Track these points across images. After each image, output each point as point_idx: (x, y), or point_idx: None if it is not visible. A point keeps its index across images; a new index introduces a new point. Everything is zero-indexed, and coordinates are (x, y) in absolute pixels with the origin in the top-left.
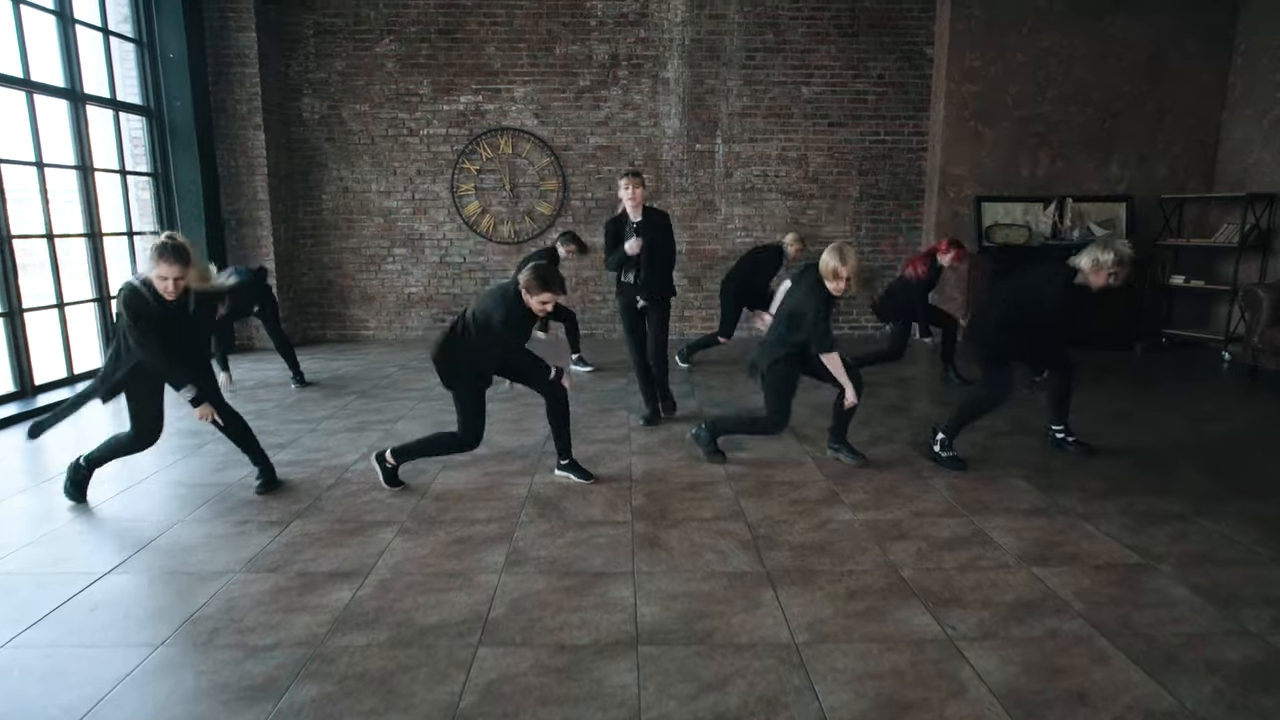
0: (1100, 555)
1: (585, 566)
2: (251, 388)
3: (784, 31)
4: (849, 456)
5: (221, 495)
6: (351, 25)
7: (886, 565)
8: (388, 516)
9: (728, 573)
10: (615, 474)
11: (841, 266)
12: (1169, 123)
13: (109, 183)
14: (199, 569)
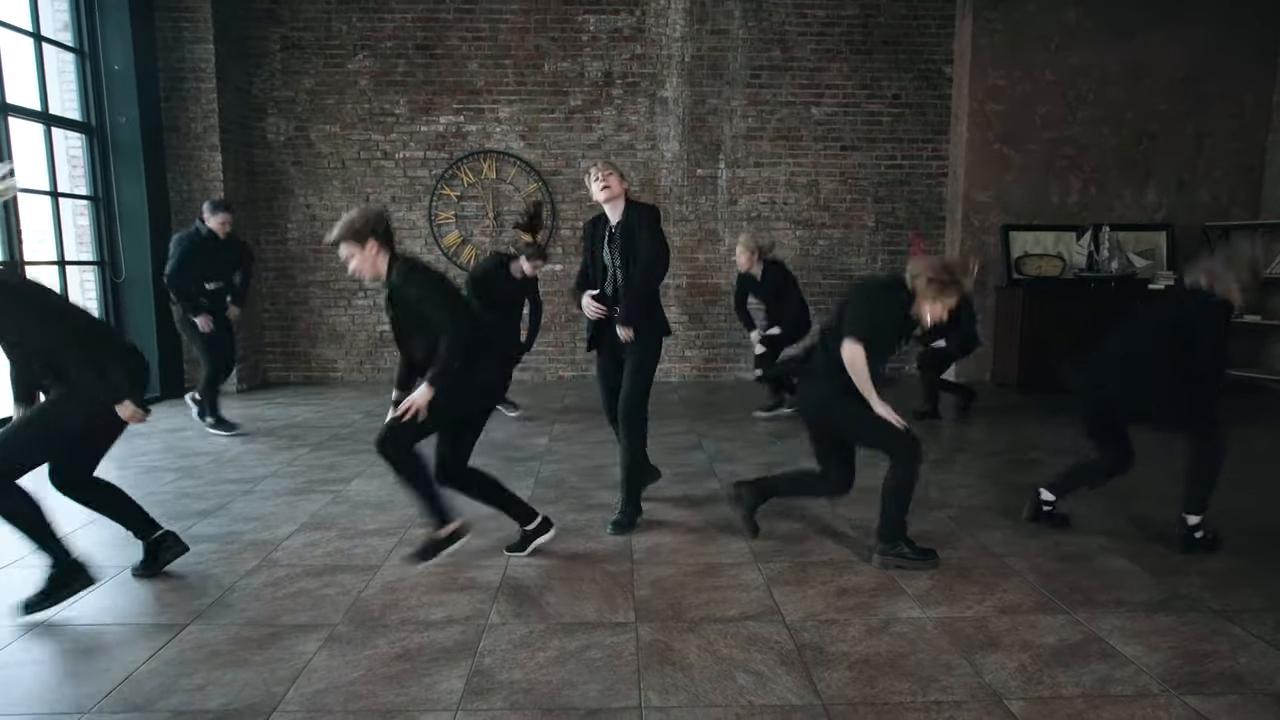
0: (1271, 675)
1: (574, 698)
2: (191, 436)
3: (792, 48)
4: (915, 557)
5: (113, 585)
6: (322, 40)
7: (983, 691)
8: (315, 617)
9: (771, 707)
10: (612, 552)
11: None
12: (1209, 146)
13: (36, 205)
14: (33, 709)
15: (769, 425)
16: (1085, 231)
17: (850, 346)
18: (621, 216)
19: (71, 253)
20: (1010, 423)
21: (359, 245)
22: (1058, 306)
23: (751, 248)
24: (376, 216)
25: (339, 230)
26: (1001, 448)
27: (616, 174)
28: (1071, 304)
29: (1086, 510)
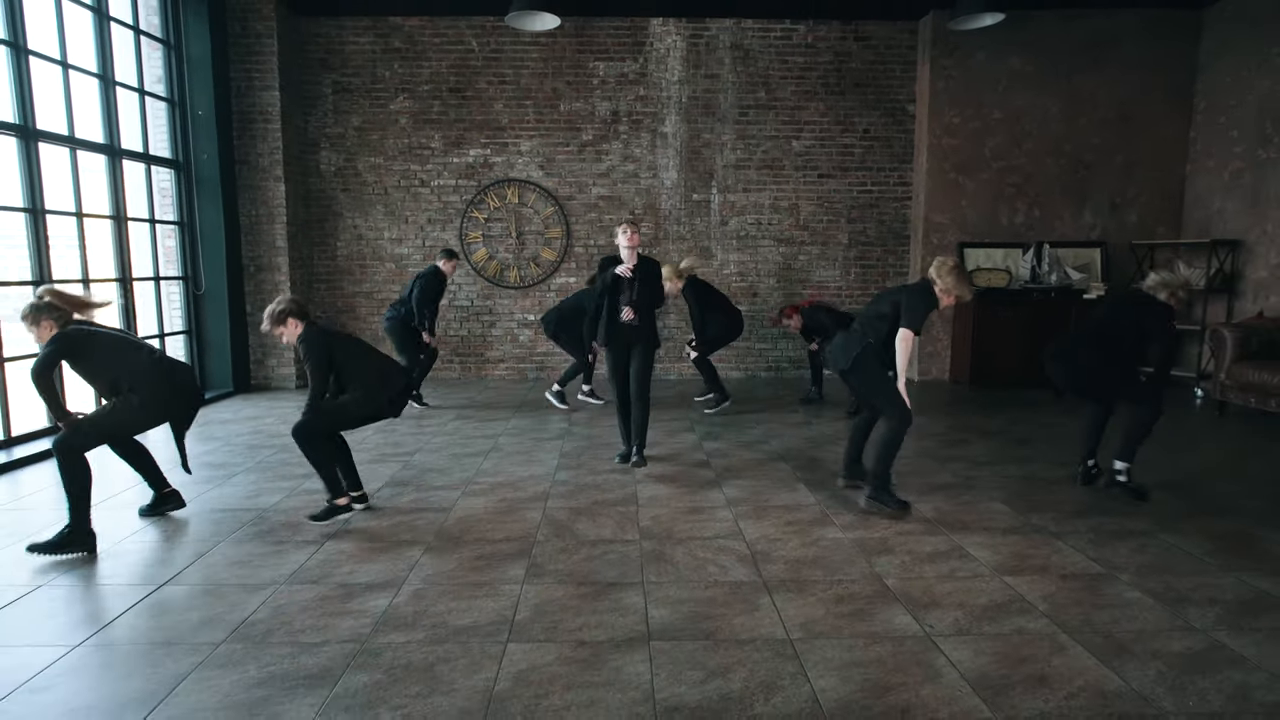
0: (1067, 567)
1: (600, 578)
2: (272, 423)
3: (774, 90)
4: (893, 506)
5: (256, 519)
6: (368, 84)
7: (872, 575)
8: (414, 537)
9: (729, 582)
10: (622, 499)
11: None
12: (1137, 174)
13: (139, 231)
14: (247, 581)
15: (756, 415)
16: (1029, 248)
17: (907, 334)
18: (637, 261)
19: (163, 270)
20: (954, 412)
21: (282, 325)
22: (1005, 313)
23: (671, 276)
24: (289, 303)
25: (265, 321)
26: (940, 430)
27: (638, 232)
28: (1017, 311)
29: (986, 473)
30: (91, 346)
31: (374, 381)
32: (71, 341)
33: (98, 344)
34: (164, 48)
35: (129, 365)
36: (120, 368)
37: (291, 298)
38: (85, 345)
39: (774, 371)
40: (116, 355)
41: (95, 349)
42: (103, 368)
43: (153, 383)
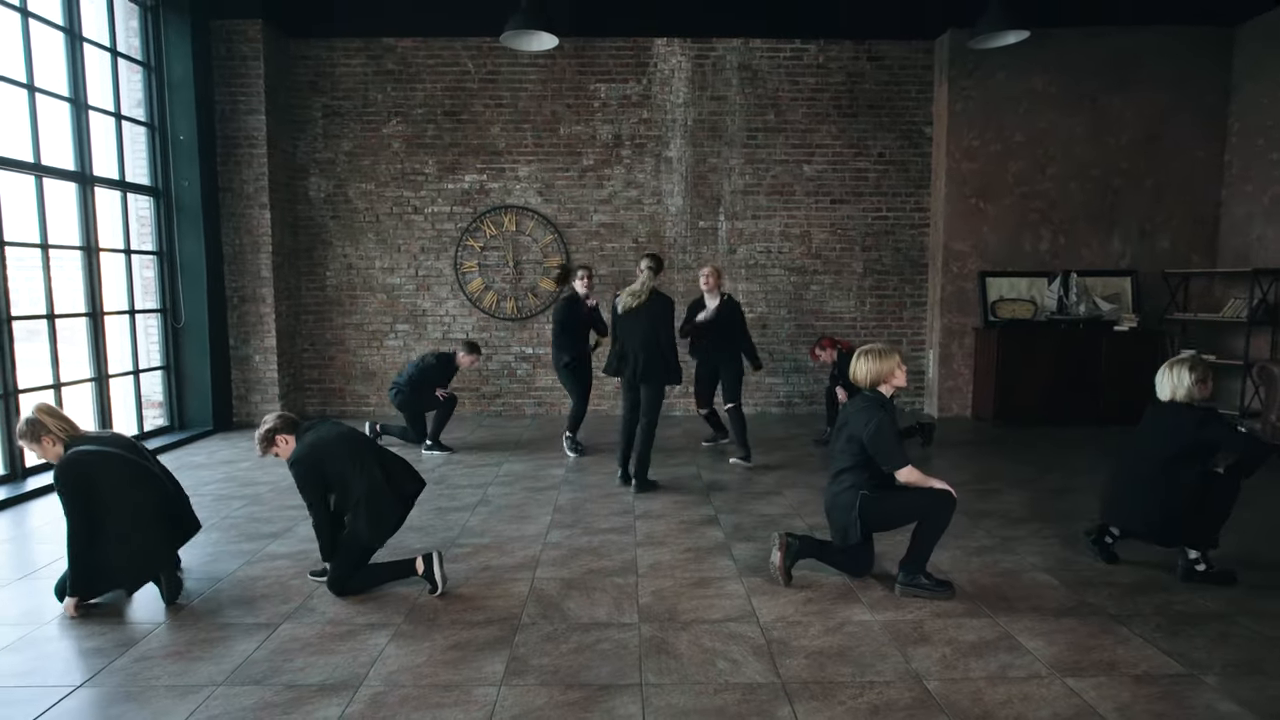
0: (1139, 664)
1: (591, 677)
2: (247, 468)
3: (784, 112)
4: (932, 589)
5: (208, 594)
6: (360, 108)
7: (909, 675)
8: (382, 619)
9: (742, 684)
10: (620, 567)
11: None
12: (1168, 199)
13: (113, 261)
14: (179, 681)
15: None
16: (1055, 277)
17: (904, 473)
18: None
19: (139, 302)
20: (980, 455)
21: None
22: (1030, 347)
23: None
24: (276, 420)
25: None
26: (967, 478)
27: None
28: (1043, 344)
29: (1024, 533)
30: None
31: (375, 498)
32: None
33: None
34: (144, 70)
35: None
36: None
37: (279, 414)
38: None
39: (785, 407)
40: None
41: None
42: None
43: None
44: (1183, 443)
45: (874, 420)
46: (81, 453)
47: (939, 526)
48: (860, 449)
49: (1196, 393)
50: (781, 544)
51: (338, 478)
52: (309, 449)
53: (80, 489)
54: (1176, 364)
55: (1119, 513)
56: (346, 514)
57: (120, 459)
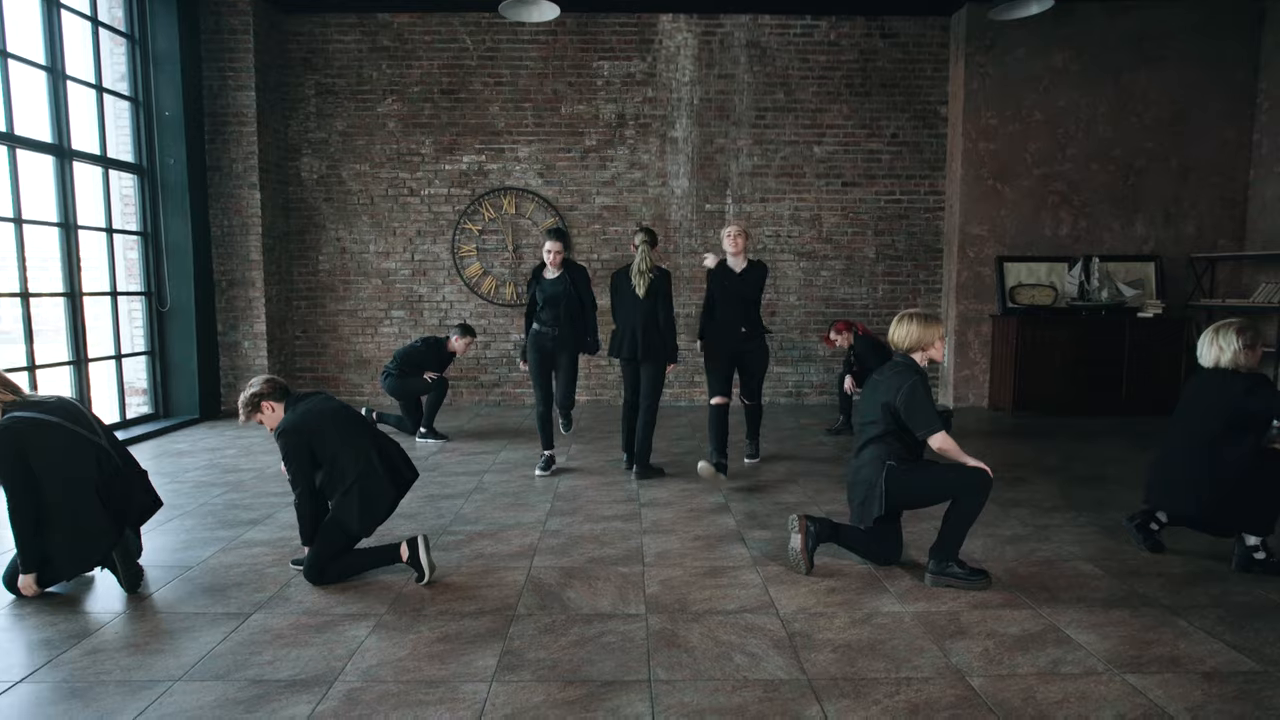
0: (1206, 660)
1: (592, 673)
2: (233, 455)
3: (794, 91)
4: (966, 578)
5: (177, 581)
6: (354, 85)
7: (950, 671)
8: (363, 609)
9: (763, 680)
10: (624, 555)
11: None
12: (1194, 181)
13: (94, 241)
14: (132, 676)
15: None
16: (1076, 262)
17: (938, 439)
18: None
19: (121, 284)
20: (1001, 444)
21: (257, 412)
22: (1051, 334)
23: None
24: (267, 385)
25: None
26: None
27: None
28: (1063, 332)
29: (1058, 521)
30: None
31: (368, 482)
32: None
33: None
34: (128, 43)
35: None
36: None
37: (267, 378)
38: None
39: (794, 397)
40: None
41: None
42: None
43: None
44: (1229, 413)
45: (908, 383)
46: (14, 419)
47: (973, 509)
48: (890, 416)
49: (1243, 359)
50: (801, 527)
51: (328, 456)
52: (301, 418)
53: (12, 458)
54: (1223, 327)
55: (1165, 495)
56: (333, 497)
57: (57, 427)
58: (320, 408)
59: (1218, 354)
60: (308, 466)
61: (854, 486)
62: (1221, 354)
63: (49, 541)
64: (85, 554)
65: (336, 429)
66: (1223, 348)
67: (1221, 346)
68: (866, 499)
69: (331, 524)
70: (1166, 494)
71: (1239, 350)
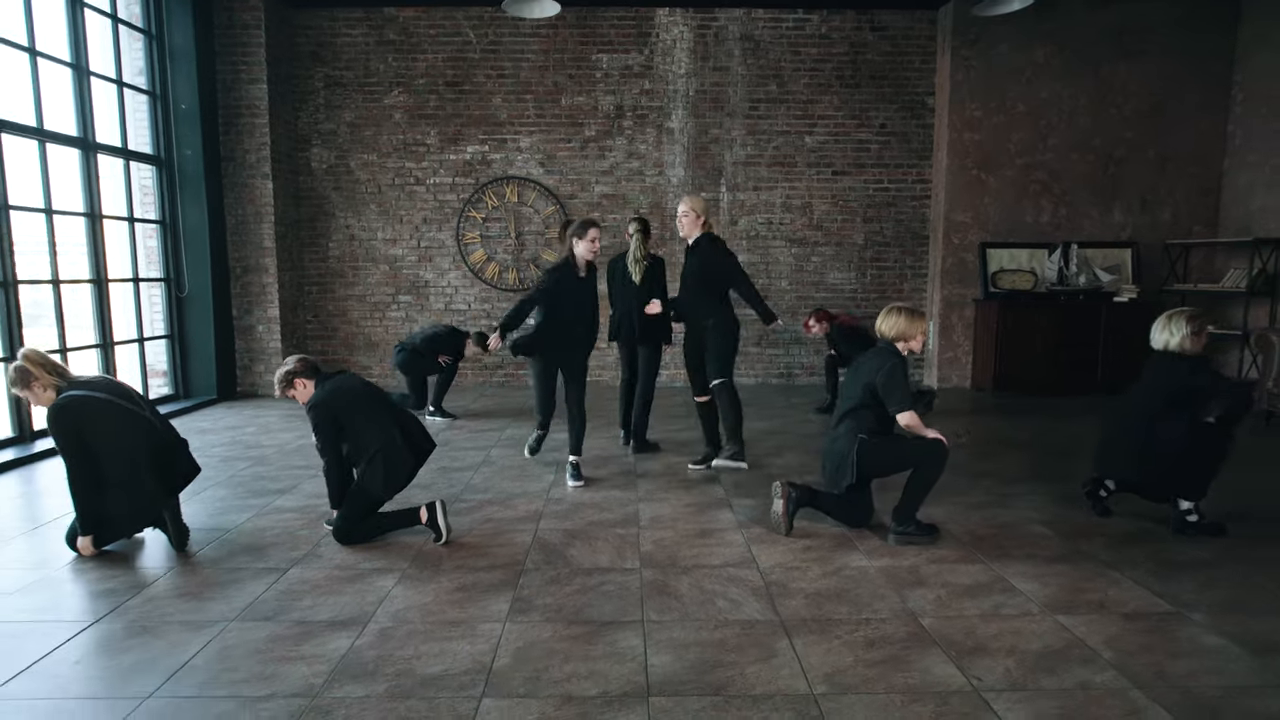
0: (1129, 603)
1: (594, 615)
2: (253, 433)
3: (786, 83)
4: (920, 534)
5: (217, 542)
6: (361, 78)
7: (905, 613)
8: (388, 564)
9: (741, 620)
10: (622, 519)
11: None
12: (1171, 170)
13: (116, 230)
14: (192, 617)
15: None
16: (1056, 249)
17: (906, 417)
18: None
19: (142, 271)
20: (979, 422)
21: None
22: (1030, 318)
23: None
24: (296, 363)
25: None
26: (966, 442)
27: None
28: (1043, 315)
29: (1021, 490)
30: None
31: (390, 452)
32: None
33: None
34: (145, 38)
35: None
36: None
37: (300, 357)
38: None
39: (785, 378)
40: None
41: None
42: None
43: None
44: (1173, 389)
45: (888, 364)
46: (70, 398)
47: (931, 476)
48: (868, 394)
49: (1189, 345)
50: (784, 493)
51: (353, 428)
52: (330, 394)
53: (71, 433)
54: (1175, 314)
55: (1110, 462)
56: (358, 465)
57: (108, 404)
58: (348, 385)
59: (1168, 338)
60: (334, 437)
61: (828, 455)
62: (1171, 338)
63: (105, 506)
64: (138, 516)
65: (363, 404)
66: (1173, 333)
67: (1172, 331)
68: (840, 467)
69: (357, 490)
70: (1111, 462)
71: (1186, 336)
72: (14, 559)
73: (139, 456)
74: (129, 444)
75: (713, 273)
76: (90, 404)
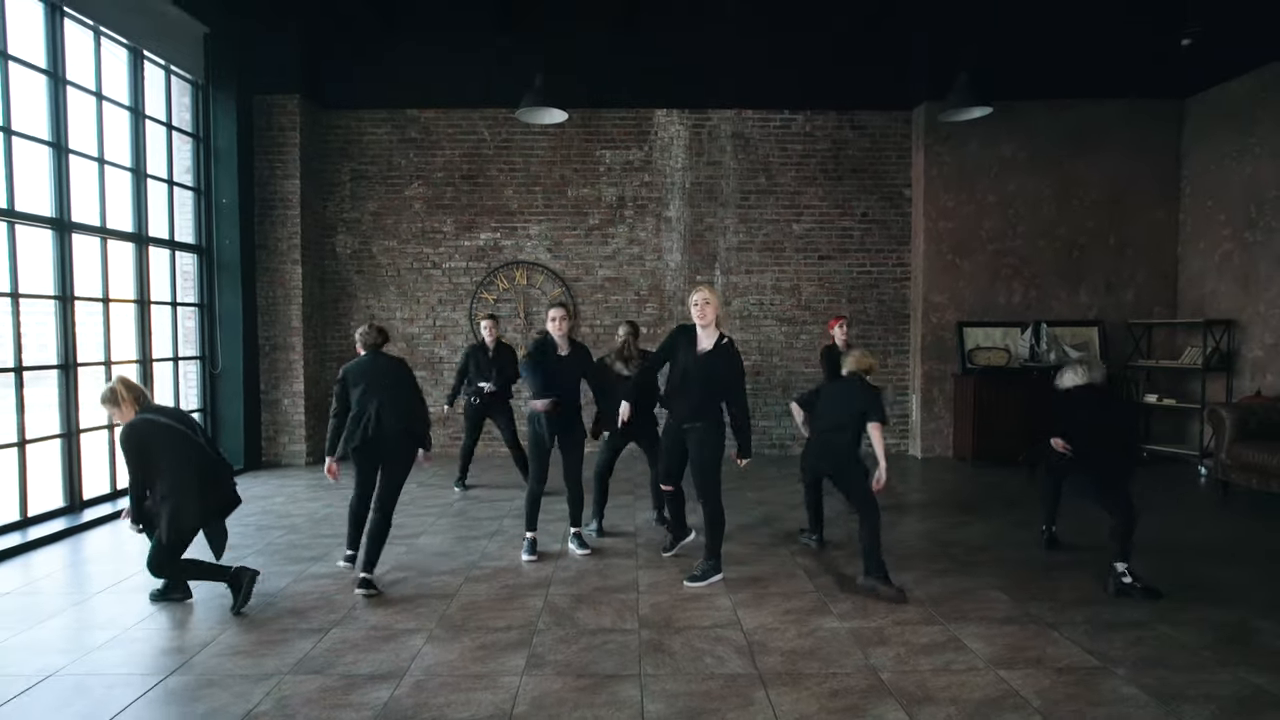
0: (1062, 659)
1: (598, 669)
2: (281, 502)
3: (775, 175)
4: (884, 586)
5: (262, 605)
6: (384, 171)
7: (867, 668)
8: (417, 625)
9: (725, 674)
10: (623, 585)
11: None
12: (1130, 255)
13: (161, 312)
14: (251, 671)
15: (758, 495)
16: (1027, 327)
17: (879, 428)
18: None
19: (181, 349)
20: (955, 492)
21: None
22: (1004, 391)
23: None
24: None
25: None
26: (942, 511)
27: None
28: (1016, 389)
29: (989, 558)
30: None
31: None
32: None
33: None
34: (193, 141)
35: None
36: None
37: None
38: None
39: (779, 449)
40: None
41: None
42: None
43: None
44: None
45: (878, 391)
46: (143, 420)
47: (871, 526)
48: (859, 416)
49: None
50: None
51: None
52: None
53: (136, 449)
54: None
55: (815, 462)
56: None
57: (169, 429)
58: (163, 419)
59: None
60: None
61: (826, 450)
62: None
63: (159, 513)
64: (182, 529)
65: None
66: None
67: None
68: (840, 464)
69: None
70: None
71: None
72: (87, 619)
73: (188, 482)
74: (183, 472)
75: (728, 379)
76: (157, 425)
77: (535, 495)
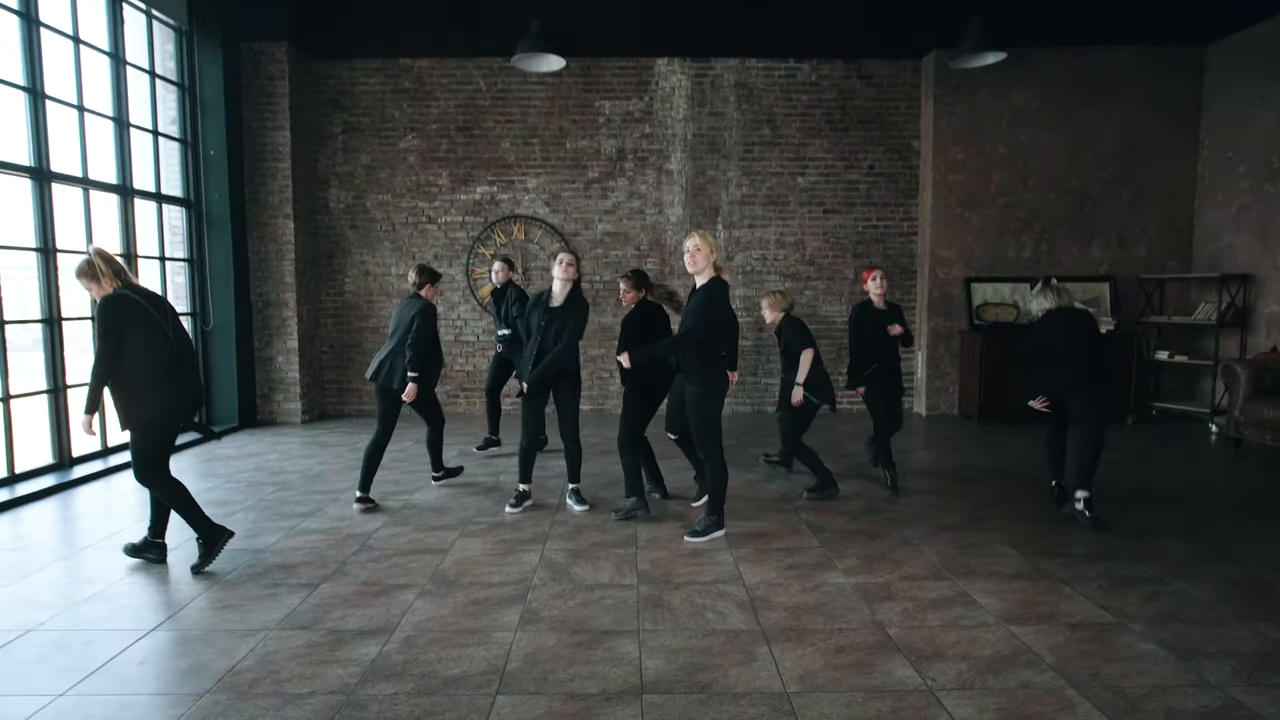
0: (1076, 615)
1: (595, 625)
2: (275, 459)
3: (779, 127)
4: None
5: (251, 560)
6: (378, 123)
7: (874, 624)
8: (409, 580)
9: (726, 630)
10: (622, 540)
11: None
12: (1144, 208)
13: (149, 268)
14: (237, 626)
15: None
16: (1037, 283)
17: (809, 353)
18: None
19: None
20: (961, 450)
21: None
22: (1012, 349)
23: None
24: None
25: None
26: (948, 469)
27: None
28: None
29: (996, 514)
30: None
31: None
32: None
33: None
34: (178, 90)
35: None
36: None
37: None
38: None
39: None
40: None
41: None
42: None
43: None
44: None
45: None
46: (120, 296)
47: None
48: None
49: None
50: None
51: (129, 337)
52: (123, 298)
53: (115, 324)
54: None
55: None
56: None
57: (147, 316)
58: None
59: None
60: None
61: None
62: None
63: (117, 394)
64: (145, 412)
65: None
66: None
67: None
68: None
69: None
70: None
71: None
72: (73, 574)
73: (155, 368)
74: (150, 346)
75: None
76: (133, 306)
77: (523, 448)
